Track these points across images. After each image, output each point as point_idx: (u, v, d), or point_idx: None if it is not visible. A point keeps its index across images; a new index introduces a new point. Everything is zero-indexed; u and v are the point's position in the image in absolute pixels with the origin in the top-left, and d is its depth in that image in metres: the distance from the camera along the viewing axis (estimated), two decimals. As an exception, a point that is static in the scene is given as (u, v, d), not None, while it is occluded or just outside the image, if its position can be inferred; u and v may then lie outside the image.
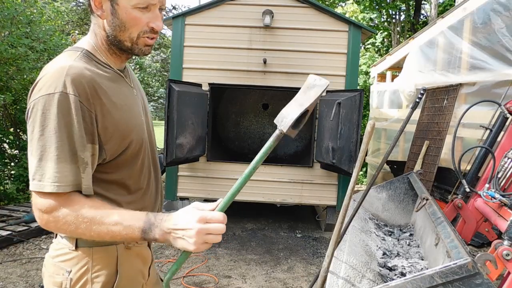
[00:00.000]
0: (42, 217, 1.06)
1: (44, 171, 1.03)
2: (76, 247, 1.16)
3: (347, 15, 12.17)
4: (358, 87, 6.40)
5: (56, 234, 1.20)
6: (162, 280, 1.46)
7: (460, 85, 4.49)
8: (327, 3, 14.00)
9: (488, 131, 3.07)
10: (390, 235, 2.91)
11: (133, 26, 1.13)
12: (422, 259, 2.38)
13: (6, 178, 5.99)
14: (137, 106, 1.27)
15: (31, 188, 1.05)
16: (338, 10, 12.85)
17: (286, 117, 0.92)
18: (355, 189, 2.28)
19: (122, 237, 1.04)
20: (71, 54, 1.15)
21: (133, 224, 1.02)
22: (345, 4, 13.49)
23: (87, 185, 1.09)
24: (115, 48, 1.19)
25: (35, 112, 1.04)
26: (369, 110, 8.34)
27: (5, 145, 6.13)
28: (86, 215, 1.03)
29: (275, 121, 0.95)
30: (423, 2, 13.73)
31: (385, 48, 12.94)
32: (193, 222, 0.99)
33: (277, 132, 0.95)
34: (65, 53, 1.17)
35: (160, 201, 1.38)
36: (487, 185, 2.60)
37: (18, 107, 6.26)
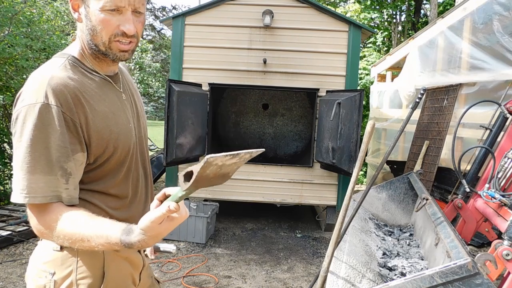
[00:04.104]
0: (32, 225, 1.07)
1: (18, 181, 1.02)
2: (61, 247, 1.13)
3: (348, 15, 12.18)
4: (359, 87, 6.41)
5: None
6: (158, 282, 1.45)
7: (460, 85, 4.49)
8: (327, 3, 14.00)
9: (488, 131, 3.07)
10: (390, 235, 2.91)
11: (103, 30, 1.10)
12: (422, 259, 2.38)
13: (6, 178, 5.98)
14: (125, 112, 1.24)
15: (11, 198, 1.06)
16: (339, 10, 12.85)
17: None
18: (355, 189, 2.28)
19: (103, 247, 1.00)
20: (56, 62, 1.13)
21: (112, 238, 0.97)
22: (347, 3, 13.51)
23: (70, 195, 1.07)
24: (96, 53, 1.16)
25: (18, 122, 1.04)
26: (369, 110, 8.34)
27: (5, 145, 6.13)
28: (65, 230, 1.02)
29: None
30: (424, 1, 13.72)
31: (385, 48, 12.95)
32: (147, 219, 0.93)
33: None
34: (51, 60, 1.16)
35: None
36: (487, 185, 2.60)
37: (18, 107, 6.24)
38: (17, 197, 1.03)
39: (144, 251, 1.39)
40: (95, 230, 1.00)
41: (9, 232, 4.31)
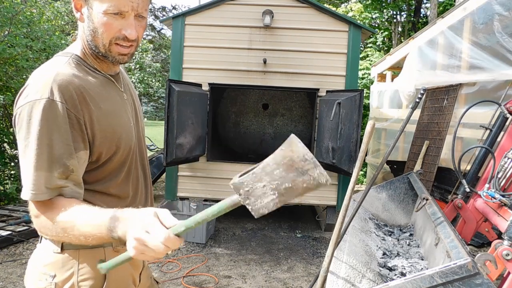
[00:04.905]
0: (33, 221, 1.08)
1: (25, 178, 1.02)
2: (62, 249, 1.12)
3: (350, 14, 12.17)
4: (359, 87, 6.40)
5: (41, 238, 1.18)
6: (157, 282, 1.45)
7: (460, 85, 4.49)
8: (328, 3, 14.00)
9: (488, 131, 3.07)
10: (390, 235, 2.91)
11: (104, 32, 1.09)
12: (422, 259, 2.38)
13: (6, 178, 5.98)
14: (126, 111, 1.24)
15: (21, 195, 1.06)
16: (341, 9, 12.86)
17: (259, 199, 0.69)
18: (355, 189, 2.28)
19: (93, 237, 0.98)
20: (60, 60, 1.13)
21: (101, 223, 0.96)
22: (348, 3, 13.52)
23: (72, 190, 1.07)
24: (96, 53, 1.16)
25: (21, 118, 1.03)
26: (369, 110, 8.34)
27: (5, 145, 6.13)
28: (61, 220, 1.01)
29: (234, 184, 0.72)
30: (424, 1, 13.73)
31: (385, 48, 12.95)
32: (137, 228, 0.89)
33: (236, 198, 0.74)
34: (54, 59, 1.15)
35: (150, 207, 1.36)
36: (487, 185, 2.60)
37: (18, 107, 6.25)
38: (24, 193, 1.03)
39: None
40: (87, 221, 0.99)
41: (9, 232, 4.31)
